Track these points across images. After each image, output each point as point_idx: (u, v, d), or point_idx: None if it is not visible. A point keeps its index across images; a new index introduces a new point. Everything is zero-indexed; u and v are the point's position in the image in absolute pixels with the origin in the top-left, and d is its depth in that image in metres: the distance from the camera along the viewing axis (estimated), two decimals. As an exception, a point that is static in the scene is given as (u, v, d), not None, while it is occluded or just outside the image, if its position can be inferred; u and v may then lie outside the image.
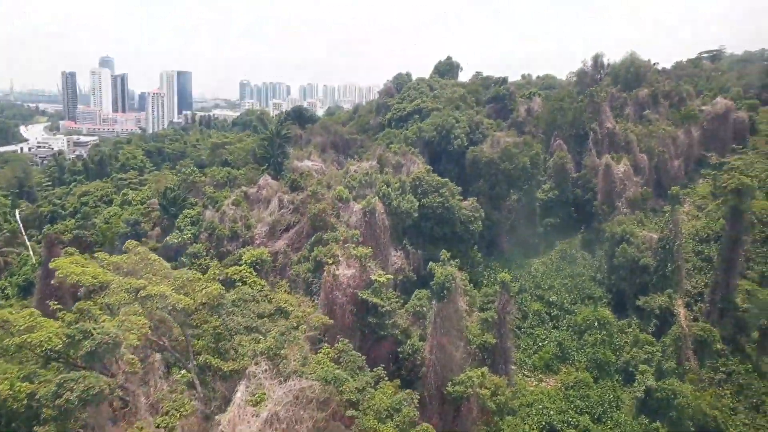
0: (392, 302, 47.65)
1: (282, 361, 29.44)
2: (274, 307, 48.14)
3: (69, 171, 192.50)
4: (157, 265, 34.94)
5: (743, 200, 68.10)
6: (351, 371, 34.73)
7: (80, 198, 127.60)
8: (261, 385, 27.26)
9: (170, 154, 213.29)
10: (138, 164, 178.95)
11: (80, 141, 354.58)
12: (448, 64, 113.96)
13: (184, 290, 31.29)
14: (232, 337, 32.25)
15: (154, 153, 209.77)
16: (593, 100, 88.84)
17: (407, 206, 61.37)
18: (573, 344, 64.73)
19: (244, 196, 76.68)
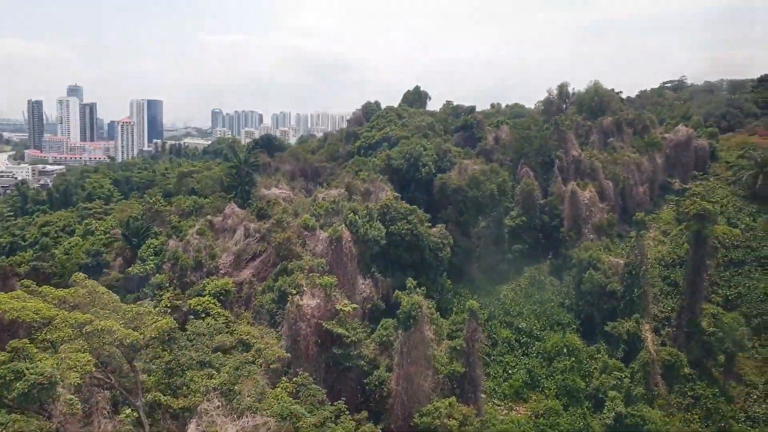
0: (357, 332, 46.66)
1: (236, 397, 28.24)
2: (235, 339, 46.89)
3: (32, 201, 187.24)
4: (106, 298, 33.57)
5: (705, 225, 69.33)
6: (310, 406, 33.58)
7: (41, 228, 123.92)
8: (213, 423, 26.02)
9: (138, 183, 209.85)
10: (105, 193, 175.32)
11: (46, 170, 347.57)
12: (417, 93, 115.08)
13: (133, 324, 29.99)
14: (184, 372, 30.96)
15: (122, 182, 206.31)
16: (559, 128, 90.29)
17: (375, 234, 60.82)
18: (543, 371, 64.29)
19: (209, 225, 75.32)
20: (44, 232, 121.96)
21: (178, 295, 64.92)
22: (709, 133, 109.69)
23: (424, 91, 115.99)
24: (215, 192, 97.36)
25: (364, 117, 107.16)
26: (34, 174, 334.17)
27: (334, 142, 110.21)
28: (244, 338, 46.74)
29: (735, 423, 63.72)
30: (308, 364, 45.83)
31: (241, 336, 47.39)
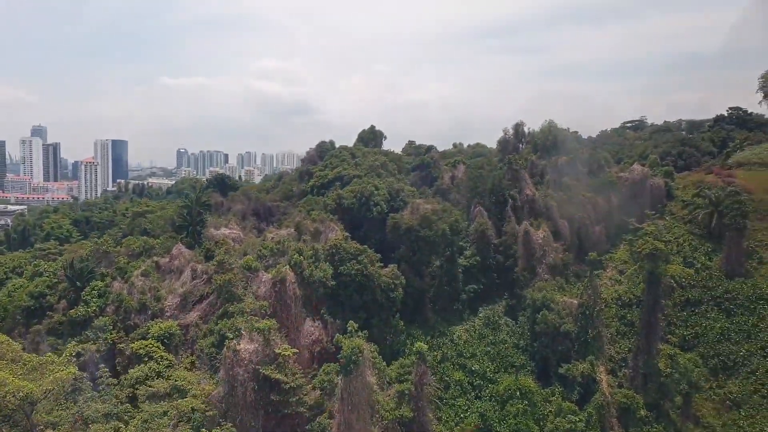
0: (297, 378, 44.53)
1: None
2: (170, 386, 44.46)
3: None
4: (5, 347, 31.18)
5: (658, 265, 69.48)
6: None
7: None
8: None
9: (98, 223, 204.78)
10: (64, 234, 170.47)
11: (7, 210, 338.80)
12: (372, 132, 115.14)
13: (32, 376, 27.68)
14: (88, 426, 28.60)
15: (82, 222, 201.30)
16: (512, 168, 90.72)
17: (320, 275, 59.21)
18: (495, 415, 62.45)
19: (155, 266, 72.86)
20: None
21: (121, 338, 62.37)
22: (665, 171, 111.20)
23: (378, 131, 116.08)
24: (166, 232, 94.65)
25: (318, 156, 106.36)
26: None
27: (289, 182, 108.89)
28: (179, 384, 44.33)
29: (692, 467, 62.66)
30: (246, 410, 43.49)
31: (176, 382, 44.98)
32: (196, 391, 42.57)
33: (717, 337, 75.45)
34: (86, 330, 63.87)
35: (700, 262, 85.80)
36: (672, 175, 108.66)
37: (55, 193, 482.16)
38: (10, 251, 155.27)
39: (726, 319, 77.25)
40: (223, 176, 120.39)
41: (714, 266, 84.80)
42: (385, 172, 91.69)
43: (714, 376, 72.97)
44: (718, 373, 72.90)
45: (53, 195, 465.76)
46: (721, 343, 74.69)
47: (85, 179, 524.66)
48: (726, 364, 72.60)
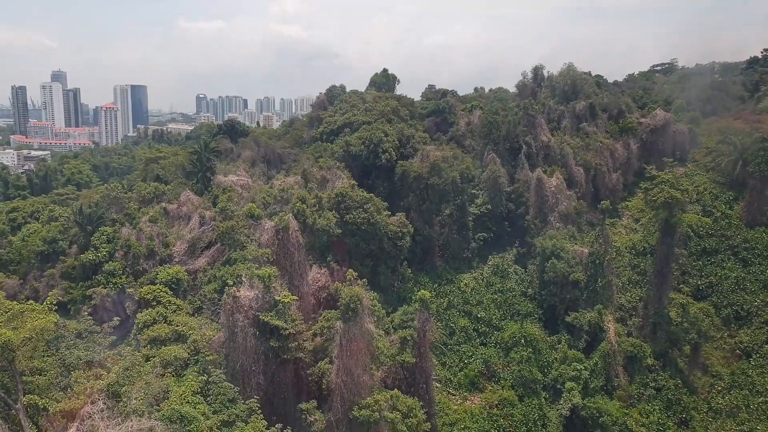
0: (296, 324, 44.66)
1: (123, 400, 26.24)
2: (171, 331, 44.96)
3: (13, 186, 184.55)
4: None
5: (673, 214, 67.67)
6: (220, 404, 31.60)
7: (8, 214, 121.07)
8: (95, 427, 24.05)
9: (117, 168, 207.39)
10: (84, 179, 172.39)
11: (30, 155, 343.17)
12: (385, 76, 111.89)
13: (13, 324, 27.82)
14: (70, 373, 28.89)
15: (102, 168, 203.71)
16: (527, 113, 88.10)
17: (323, 223, 58.70)
18: (499, 362, 62.68)
19: (163, 212, 73.02)
20: (11, 219, 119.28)
21: (130, 283, 63.23)
22: (690, 117, 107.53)
23: (392, 74, 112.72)
24: (177, 179, 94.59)
25: (328, 101, 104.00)
26: (19, 159, 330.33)
27: (299, 128, 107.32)
28: (180, 329, 44.81)
29: (696, 414, 62.74)
30: (246, 356, 43.93)
31: (177, 327, 45.47)
32: (197, 336, 42.97)
33: (732, 286, 74.28)
34: (97, 275, 65.09)
35: (719, 211, 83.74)
36: (698, 121, 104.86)
37: (77, 139, 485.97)
38: (33, 196, 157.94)
39: (742, 269, 75.87)
40: (233, 122, 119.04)
41: (734, 215, 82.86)
42: (397, 117, 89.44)
43: (726, 325, 72.27)
44: (730, 323, 72.16)
45: (75, 140, 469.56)
46: (735, 293, 73.56)
47: (105, 125, 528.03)
48: (739, 313, 71.71)
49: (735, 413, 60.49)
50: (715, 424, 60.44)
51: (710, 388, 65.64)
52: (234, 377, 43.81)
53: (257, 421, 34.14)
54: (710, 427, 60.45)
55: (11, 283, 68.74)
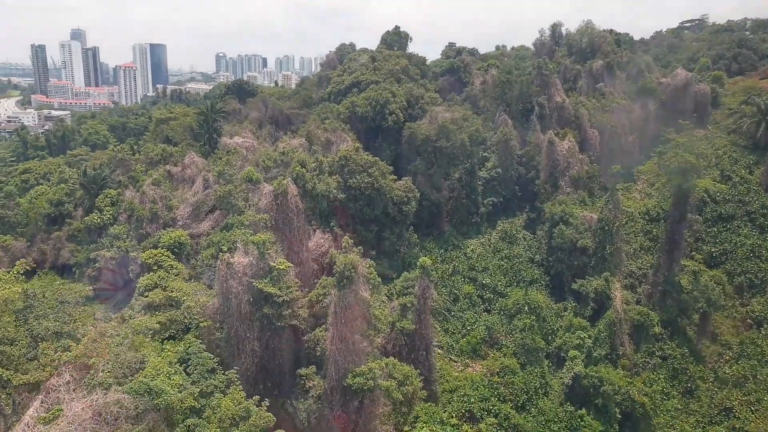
0: (291, 291, 44.27)
1: (91, 372, 26.06)
2: (164, 296, 44.92)
3: (32, 146, 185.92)
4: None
5: (687, 179, 65.43)
6: (198, 375, 31.43)
7: (21, 176, 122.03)
8: (59, 400, 23.91)
9: (134, 129, 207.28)
10: (101, 140, 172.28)
11: (51, 115, 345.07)
12: (396, 34, 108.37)
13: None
14: (38, 344, 28.73)
15: (119, 128, 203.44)
16: (541, 73, 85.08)
17: (323, 188, 57.75)
18: (502, 329, 62.05)
19: (167, 175, 72.63)
20: (24, 180, 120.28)
21: (134, 246, 63.30)
22: (714, 76, 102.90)
23: (404, 32, 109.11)
24: (185, 140, 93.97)
25: (337, 60, 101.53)
26: (39, 119, 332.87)
27: (309, 87, 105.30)
28: (174, 296, 44.71)
29: (702, 383, 61.83)
30: (241, 322, 43.87)
31: (172, 294, 45.38)
32: (191, 302, 42.90)
33: (747, 254, 72.11)
34: (102, 238, 65.29)
35: (738, 176, 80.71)
36: (721, 81, 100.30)
37: (97, 99, 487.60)
38: (51, 156, 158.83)
39: (759, 236, 73.52)
40: (241, 82, 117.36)
41: (753, 180, 79.81)
42: (406, 77, 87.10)
43: (739, 294, 70.48)
44: (743, 292, 70.33)
45: (95, 100, 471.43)
46: (749, 261, 71.46)
47: (124, 84, 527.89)
48: (753, 282, 69.79)
49: (742, 383, 59.40)
50: (720, 394, 59.48)
51: (718, 357, 64.45)
52: (229, 343, 43.97)
53: (236, 392, 34.06)
54: (715, 397, 59.52)
55: (18, 246, 69.26)
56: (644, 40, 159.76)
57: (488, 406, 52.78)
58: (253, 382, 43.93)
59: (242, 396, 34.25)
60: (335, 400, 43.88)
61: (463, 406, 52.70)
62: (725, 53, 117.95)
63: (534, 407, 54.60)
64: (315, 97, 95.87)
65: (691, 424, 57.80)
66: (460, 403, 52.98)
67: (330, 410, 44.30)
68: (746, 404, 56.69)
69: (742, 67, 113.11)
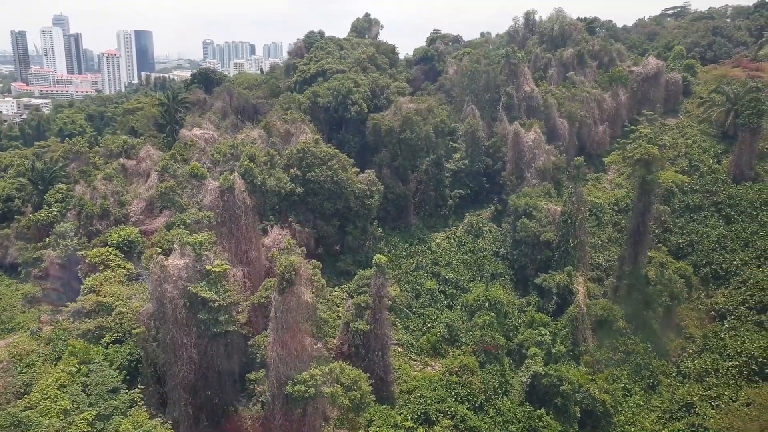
0: (229, 295, 42.52)
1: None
2: (94, 302, 43.11)
3: (5, 137, 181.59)
4: None
5: (650, 171, 64.10)
6: (98, 396, 29.71)
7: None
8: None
9: (112, 118, 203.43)
10: (77, 129, 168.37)
11: (30, 104, 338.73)
12: (367, 21, 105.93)
13: None
14: None
15: (96, 117, 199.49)
16: (510, 62, 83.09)
17: (274, 183, 55.82)
18: (463, 326, 60.70)
19: (122, 169, 70.51)
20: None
21: (83, 244, 61.13)
22: (686, 65, 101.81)
23: (375, 19, 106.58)
24: (149, 131, 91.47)
25: (305, 48, 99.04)
26: (18, 108, 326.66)
27: (278, 76, 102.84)
28: (106, 301, 42.90)
29: (665, 378, 61.07)
30: (177, 328, 42.08)
31: (104, 299, 43.55)
32: (123, 308, 41.13)
33: (712, 244, 71.31)
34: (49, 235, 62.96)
35: (706, 165, 79.74)
36: (693, 69, 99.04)
37: (79, 86, 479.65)
38: (26, 146, 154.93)
39: (725, 226, 72.72)
40: (207, 71, 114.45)
41: (721, 169, 78.81)
42: (373, 66, 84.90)
43: (704, 285, 69.74)
44: (708, 283, 69.55)
45: (77, 88, 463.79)
46: (715, 252, 70.66)
47: (107, 72, 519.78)
48: (718, 273, 68.96)
49: (703, 378, 58.47)
50: (682, 389, 58.55)
51: (682, 351, 63.72)
52: (165, 350, 42.27)
53: (138, 414, 32.37)
54: (677, 392, 58.61)
55: (-34, 245, 66.96)
56: (627, 27, 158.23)
57: (445, 407, 51.44)
58: (191, 390, 42.36)
59: (145, 417, 32.56)
60: (277, 408, 42.34)
61: (419, 408, 51.30)
62: (700, 41, 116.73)
63: (492, 407, 53.37)
64: (282, 86, 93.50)
65: (652, 420, 56.93)
66: (416, 405, 51.59)
67: (272, 419, 42.83)
68: (707, 399, 55.73)
69: (716, 55, 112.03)
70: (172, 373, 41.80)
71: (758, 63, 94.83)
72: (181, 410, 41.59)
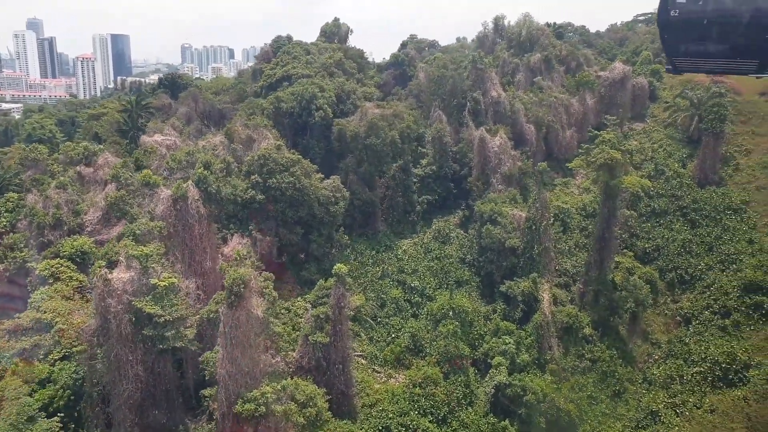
0: (175, 310, 40.96)
1: None
2: (32, 318, 41.28)
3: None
4: None
5: (614, 176, 63.77)
6: (11, 426, 28.00)
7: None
8: None
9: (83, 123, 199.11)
10: (47, 135, 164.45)
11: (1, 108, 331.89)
12: (336, 26, 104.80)
13: None
14: None
15: (67, 122, 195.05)
16: (476, 67, 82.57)
17: (229, 191, 54.35)
18: (427, 335, 59.66)
19: (78, 177, 68.33)
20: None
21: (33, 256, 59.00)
22: (653, 70, 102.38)
23: (344, 23, 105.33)
24: (112, 137, 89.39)
25: (272, 53, 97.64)
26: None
27: (246, 81, 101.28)
28: (44, 317, 41.07)
29: (631, 386, 60.63)
30: (122, 345, 40.43)
31: (42, 315, 41.68)
32: (63, 324, 39.43)
33: (678, 249, 71.32)
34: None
35: (672, 170, 79.95)
36: (659, 74, 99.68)
37: (53, 91, 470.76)
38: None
39: (690, 231, 72.77)
40: (174, 75, 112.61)
41: (686, 174, 79.05)
42: (340, 71, 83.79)
43: (670, 290, 69.65)
44: (674, 288, 69.49)
45: (51, 93, 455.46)
46: (681, 256, 70.67)
47: (82, 76, 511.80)
48: (683, 278, 68.93)
49: (668, 384, 58.18)
50: (648, 396, 58.19)
51: (648, 357, 63.46)
52: (110, 369, 40.60)
53: None
54: (643, 400, 58.22)
55: None
56: (599, 33, 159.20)
57: (407, 421, 50.28)
58: (138, 409, 40.72)
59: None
60: (227, 427, 40.87)
61: (381, 422, 50.14)
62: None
63: (456, 420, 52.29)
64: (249, 90, 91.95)
65: (617, 429, 56.44)
66: (378, 419, 50.40)
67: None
68: (672, 407, 55.40)
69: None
70: (117, 392, 40.13)
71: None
72: (126, 431, 39.94)
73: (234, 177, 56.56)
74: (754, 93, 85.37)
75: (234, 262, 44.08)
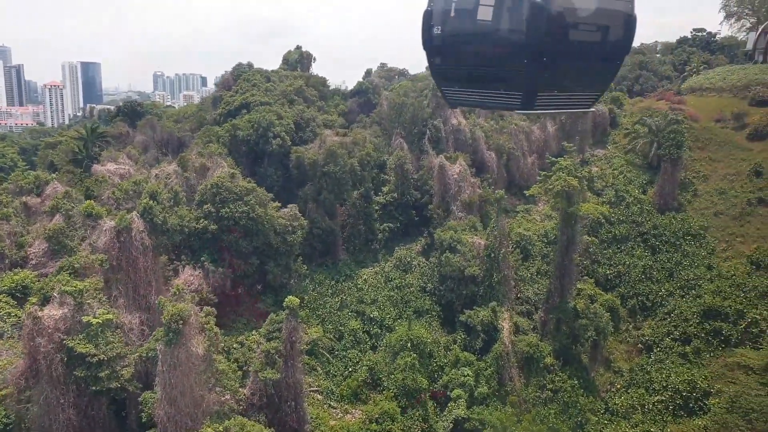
0: (111, 348, 38.91)
1: None
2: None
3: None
4: None
5: (572, 203, 63.60)
6: None
7: None
8: None
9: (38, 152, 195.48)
10: (8, 164, 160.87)
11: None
12: (299, 54, 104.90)
13: None
14: None
15: (30, 151, 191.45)
16: (436, 94, 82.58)
17: (175, 222, 52.62)
18: (385, 368, 58.00)
19: (24, 207, 65.89)
20: None
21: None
22: (612, 97, 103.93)
23: (306, 52, 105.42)
24: (67, 166, 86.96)
25: (233, 80, 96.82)
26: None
27: (206, 108, 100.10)
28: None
29: (593, 416, 59.32)
30: (53, 387, 38.13)
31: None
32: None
33: (639, 275, 71.13)
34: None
35: (632, 196, 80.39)
36: (619, 101, 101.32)
37: (20, 119, 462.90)
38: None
39: (651, 257, 72.77)
40: (133, 103, 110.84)
41: (646, 200, 79.54)
42: (301, 98, 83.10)
43: (632, 317, 69.25)
44: (636, 314, 69.12)
45: (17, 121, 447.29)
46: (642, 283, 70.44)
47: (50, 103, 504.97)
48: (644, 304, 68.63)
49: (630, 414, 57.22)
50: (609, 427, 57.05)
51: (610, 386, 62.52)
52: (39, 413, 38.20)
53: None
54: (605, 430, 57.04)
55: None
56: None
57: (362, 458, 48.54)
58: (68, 455, 38.30)
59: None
60: (166, 471, 38.63)
61: (335, 459, 48.29)
62: (628, 74, 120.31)
63: (413, 456, 50.66)
64: (209, 118, 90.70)
65: (579, 462, 55.14)
66: (332, 457, 48.56)
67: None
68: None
69: (643, 88, 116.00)
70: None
71: (681, 96, 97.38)
72: (56, 480, 37.45)
73: (183, 207, 54.87)
74: (710, 120, 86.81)
75: (173, 296, 42.11)
